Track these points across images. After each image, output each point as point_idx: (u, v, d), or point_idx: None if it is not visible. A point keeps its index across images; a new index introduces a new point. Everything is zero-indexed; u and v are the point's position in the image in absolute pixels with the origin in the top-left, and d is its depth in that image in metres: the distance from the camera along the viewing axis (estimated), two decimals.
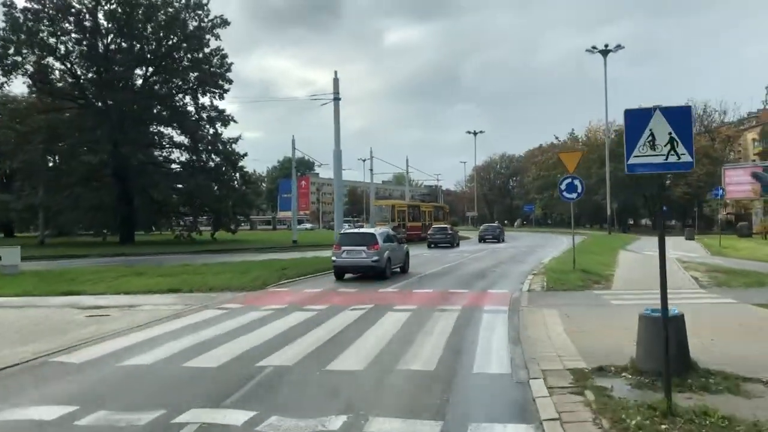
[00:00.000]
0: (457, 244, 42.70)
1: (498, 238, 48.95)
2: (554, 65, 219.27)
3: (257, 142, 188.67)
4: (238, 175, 50.31)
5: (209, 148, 47.59)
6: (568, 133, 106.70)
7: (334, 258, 19.46)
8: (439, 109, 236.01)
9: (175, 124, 46.52)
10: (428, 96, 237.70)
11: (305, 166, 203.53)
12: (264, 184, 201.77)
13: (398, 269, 20.99)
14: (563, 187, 18.74)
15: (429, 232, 44.18)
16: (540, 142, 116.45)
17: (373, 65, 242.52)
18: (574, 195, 18.68)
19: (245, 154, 50.22)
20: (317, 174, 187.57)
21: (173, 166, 49.03)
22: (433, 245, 40.84)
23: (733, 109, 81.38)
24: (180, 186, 47.00)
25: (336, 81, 25.76)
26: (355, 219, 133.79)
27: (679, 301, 13.39)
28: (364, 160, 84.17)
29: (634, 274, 18.93)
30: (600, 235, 53.25)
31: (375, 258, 18.85)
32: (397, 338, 9.84)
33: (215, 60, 48.92)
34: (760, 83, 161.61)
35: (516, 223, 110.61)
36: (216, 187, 48.30)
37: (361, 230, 23.89)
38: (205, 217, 50.76)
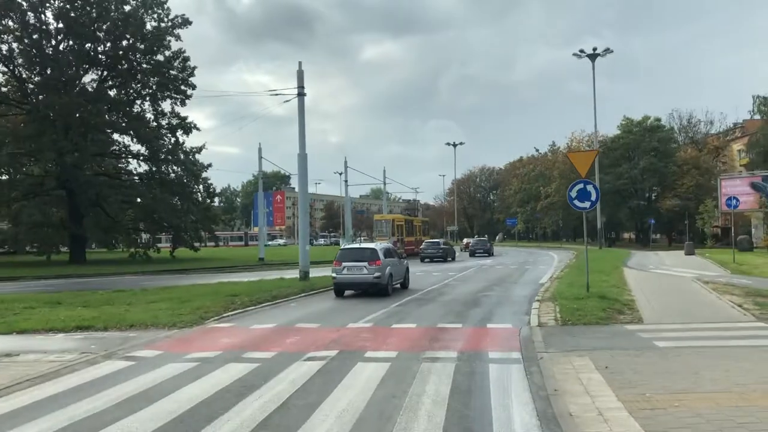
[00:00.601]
0: (452, 259, 41.82)
1: (489, 252, 49.08)
2: (529, 80, 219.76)
3: (236, 158, 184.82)
4: (201, 187, 46.45)
5: (169, 158, 43.69)
6: (549, 145, 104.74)
7: (334, 274, 18.72)
8: (417, 124, 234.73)
9: (131, 132, 42.56)
10: (406, 111, 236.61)
11: (281, 180, 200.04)
12: (239, 199, 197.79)
13: (398, 285, 20.20)
14: (574, 194, 15.38)
15: (422, 247, 43.66)
16: (520, 155, 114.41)
17: (350, 80, 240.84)
18: (587, 203, 15.33)
19: (209, 165, 46.53)
20: (293, 188, 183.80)
21: (129, 177, 44.90)
22: (427, 260, 40.48)
23: (719, 119, 79.50)
24: (137, 200, 43.00)
25: (300, 73, 22.24)
26: (332, 234, 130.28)
27: (746, 342, 10.08)
28: (340, 173, 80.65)
29: (660, 300, 15.63)
30: (589, 250, 50.27)
31: (377, 274, 18.14)
32: (369, 418, 6.34)
33: (176, 63, 45.25)
34: (744, 92, 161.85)
35: (497, 238, 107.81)
36: (176, 201, 44.37)
37: (363, 245, 22.71)
38: (165, 234, 46.65)
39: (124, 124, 42.55)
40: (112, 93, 44.11)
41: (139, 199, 42.75)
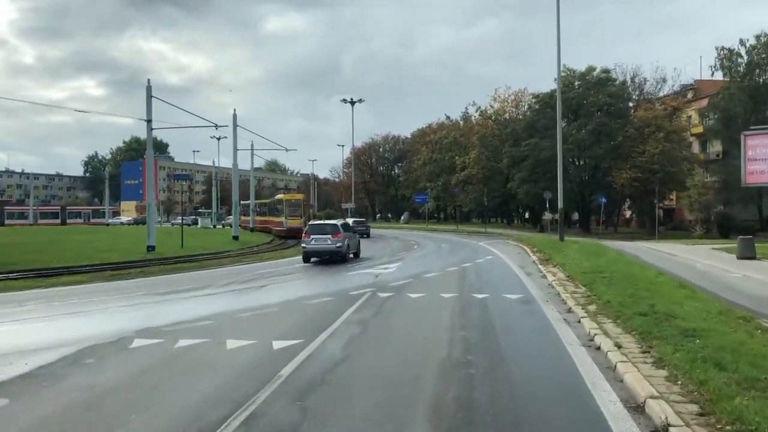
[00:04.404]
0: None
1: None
2: (431, 60, 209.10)
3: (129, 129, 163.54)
4: None
5: None
6: (462, 112, 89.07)
7: (303, 245, 23.45)
8: (321, 99, 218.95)
9: None
10: (310, 86, 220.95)
11: (157, 148, 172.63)
12: (107, 169, 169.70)
13: (352, 255, 24.98)
14: None
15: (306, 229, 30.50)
16: (429, 122, 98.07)
17: (252, 52, 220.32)
18: None
19: None
20: (171, 157, 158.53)
21: None
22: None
23: (672, 76, 65.73)
24: None
25: None
26: (198, 210, 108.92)
27: None
28: (218, 138, 59.95)
29: None
30: (541, 239, 34.37)
31: (339, 244, 22.97)
32: None
33: None
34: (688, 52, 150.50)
35: (403, 218, 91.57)
36: None
37: (327, 222, 26.25)
38: None
39: None
40: None
41: None
